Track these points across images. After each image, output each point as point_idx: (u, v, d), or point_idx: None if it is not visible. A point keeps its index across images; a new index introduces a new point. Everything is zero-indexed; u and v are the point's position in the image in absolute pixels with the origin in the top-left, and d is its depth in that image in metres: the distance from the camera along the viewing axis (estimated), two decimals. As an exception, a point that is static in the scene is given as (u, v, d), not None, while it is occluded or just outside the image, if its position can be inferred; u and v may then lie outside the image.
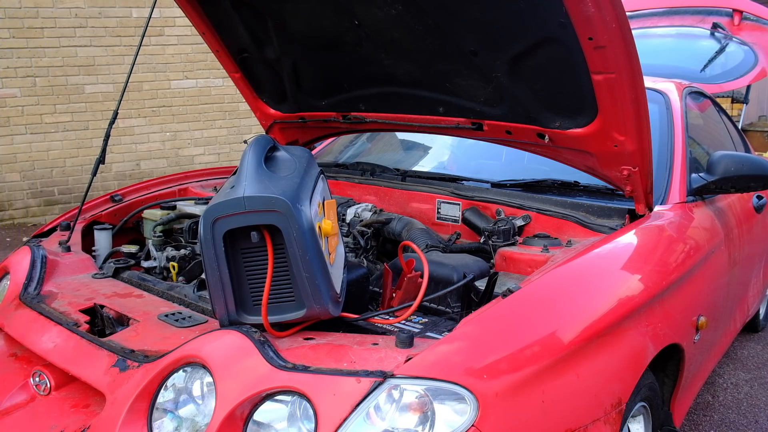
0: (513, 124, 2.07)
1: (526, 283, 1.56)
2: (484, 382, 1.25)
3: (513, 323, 1.43)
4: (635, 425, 1.84)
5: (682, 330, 1.93)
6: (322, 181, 1.55)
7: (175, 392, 1.39)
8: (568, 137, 1.94)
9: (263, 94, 2.67)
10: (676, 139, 2.46)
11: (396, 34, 1.97)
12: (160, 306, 1.76)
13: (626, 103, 1.73)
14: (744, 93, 4.79)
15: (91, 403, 1.52)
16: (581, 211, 2.13)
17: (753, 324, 3.72)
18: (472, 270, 1.77)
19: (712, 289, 2.27)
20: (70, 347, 1.60)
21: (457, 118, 2.19)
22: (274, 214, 1.32)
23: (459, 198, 2.36)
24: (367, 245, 2.25)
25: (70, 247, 2.18)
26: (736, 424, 2.83)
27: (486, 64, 1.91)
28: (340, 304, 1.48)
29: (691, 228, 2.20)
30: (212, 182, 2.86)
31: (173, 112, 6.64)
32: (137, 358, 1.47)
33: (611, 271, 1.75)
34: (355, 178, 2.68)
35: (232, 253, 1.38)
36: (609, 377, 1.53)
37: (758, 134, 8.25)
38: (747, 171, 2.30)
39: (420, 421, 1.21)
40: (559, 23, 1.60)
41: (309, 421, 1.23)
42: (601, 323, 1.53)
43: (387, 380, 1.23)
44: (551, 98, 1.91)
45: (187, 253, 2.06)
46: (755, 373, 3.35)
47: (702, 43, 4.09)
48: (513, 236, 2.12)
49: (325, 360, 1.32)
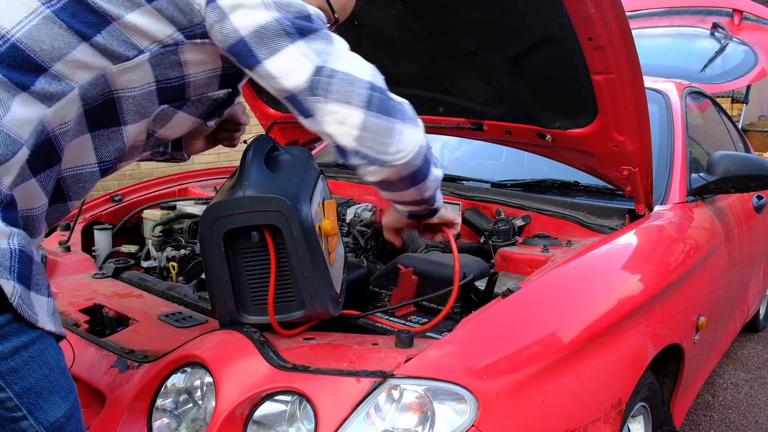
0: (513, 124, 2.07)
1: (526, 283, 1.56)
2: (484, 382, 1.25)
3: (513, 323, 1.43)
4: (635, 425, 1.84)
5: (682, 330, 1.93)
6: (322, 181, 1.55)
7: (175, 392, 1.39)
8: (568, 137, 1.94)
9: (263, 94, 2.67)
10: (676, 139, 2.46)
11: (396, 34, 1.97)
12: (160, 306, 1.76)
13: (626, 103, 1.73)
14: (744, 93, 4.79)
15: (91, 403, 1.52)
16: (581, 211, 2.13)
17: (753, 324, 3.72)
18: (472, 270, 1.77)
19: (712, 289, 2.27)
20: (69, 347, 1.60)
21: (457, 118, 2.19)
22: (275, 213, 1.32)
23: (459, 198, 2.36)
24: (367, 245, 2.24)
25: (70, 247, 2.17)
26: (736, 424, 2.83)
27: (486, 64, 1.91)
28: (340, 304, 1.48)
29: (691, 228, 2.20)
30: (212, 182, 2.86)
31: (173, 112, 6.63)
32: (137, 358, 1.47)
33: (611, 271, 1.75)
34: (355, 178, 2.68)
35: (233, 253, 1.38)
36: (609, 377, 1.53)
37: (758, 134, 8.25)
38: (747, 171, 2.30)
39: (420, 421, 1.21)
40: (559, 23, 1.60)
41: (309, 421, 1.23)
42: (601, 323, 1.53)
43: (387, 380, 1.23)
44: (551, 98, 1.91)
45: (187, 253, 2.06)
46: (755, 373, 3.35)
47: (702, 43, 4.09)
48: (513, 236, 2.12)
49: (325, 360, 1.32)
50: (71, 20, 1.03)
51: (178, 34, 1.10)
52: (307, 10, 1.13)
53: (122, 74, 1.09)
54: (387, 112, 1.13)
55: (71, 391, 1.06)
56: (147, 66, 1.10)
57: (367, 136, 1.11)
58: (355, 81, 1.10)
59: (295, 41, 1.08)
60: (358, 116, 1.10)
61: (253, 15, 1.07)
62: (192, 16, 1.09)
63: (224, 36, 1.08)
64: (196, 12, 1.09)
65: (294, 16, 1.09)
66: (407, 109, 1.19)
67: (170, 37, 1.09)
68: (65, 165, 1.11)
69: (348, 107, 1.09)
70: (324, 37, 1.12)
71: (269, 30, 1.07)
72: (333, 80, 1.09)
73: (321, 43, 1.10)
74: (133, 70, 1.09)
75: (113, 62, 1.07)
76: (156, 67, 1.11)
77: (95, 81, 1.07)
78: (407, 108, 1.19)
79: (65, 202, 1.15)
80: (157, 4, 1.07)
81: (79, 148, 1.12)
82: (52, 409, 1.01)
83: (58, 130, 1.05)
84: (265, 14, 1.07)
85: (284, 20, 1.08)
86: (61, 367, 1.04)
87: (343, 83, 1.09)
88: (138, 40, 1.08)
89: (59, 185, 1.12)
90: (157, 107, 1.16)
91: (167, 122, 1.20)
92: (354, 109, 1.09)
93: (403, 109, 1.17)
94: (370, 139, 1.12)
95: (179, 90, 1.17)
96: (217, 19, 1.08)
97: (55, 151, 1.06)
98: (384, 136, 1.13)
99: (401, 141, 1.15)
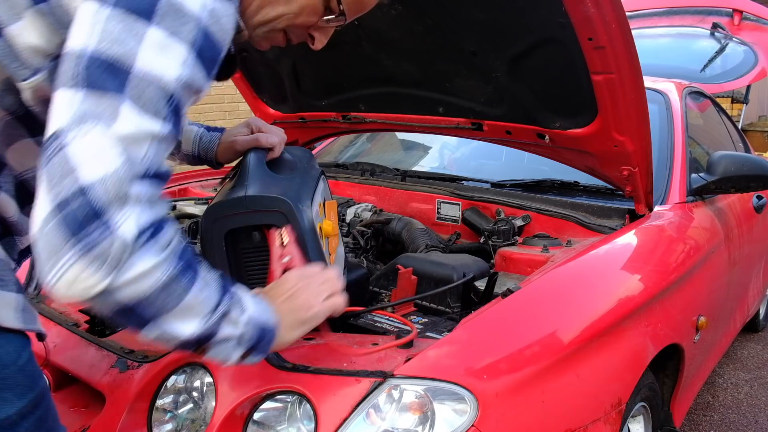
0: (513, 124, 2.07)
1: (526, 283, 1.56)
2: (484, 382, 1.25)
3: (513, 323, 1.43)
4: (635, 425, 1.84)
5: (682, 330, 1.93)
6: (323, 182, 1.55)
7: (175, 392, 1.39)
8: (568, 137, 1.94)
9: (263, 94, 2.67)
10: (676, 139, 2.46)
11: (396, 34, 1.97)
12: (160, 306, 1.76)
13: (626, 103, 1.73)
14: (744, 93, 4.79)
15: (91, 403, 1.52)
16: (581, 211, 2.13)
17: (753, 324, 3.72)
18: (472, 270, 1.77)
19: (712, 289, 2.27)
20: (69, 347, 1.60)
21: (457, 118, 2.19)
22: (276, 214, 1.32)
23: (459, 198, 2.36)
24: (367, 245, 2.25)
25: (70, 247, 2.17)
26: (736, 424, 2.83)
27: (486, 64, 1.91)
28: (340, 304, 1.48)
29: (691, 228, 2.20)
30: (212, 182, 2.86)
31: (173, 112, 6.64)
32: (137, 358, 1.47)
33: (611, 271, 1.76)
34: (355, 178, 2.68)
35: (233, 253, 1.38)
36: (609, 377, 1.53)
37: (758, 134, 8.25)
38: (747, 171, 2.30)
39: (420, 421, 1.21)
40: (559, 23, 1.60)
41: (309, 421, 1.23)
42: (601, 323, 1.53)
43: (387, 380, 1.23)
44: (551, 98, 1.91)
45: (187, 253, 2.06)
46: (755, 373, 3.35)
47: (702, 43, 4.10)
48: (513, 236, 2.12)
49: (325, 360, 1.32)
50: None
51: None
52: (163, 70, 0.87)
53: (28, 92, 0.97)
54: (71, 230, 0.82)
55: (31, 388, 1.02)
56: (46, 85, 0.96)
57: (42, 238, 0.83)
58: (71, 174, 0.82)
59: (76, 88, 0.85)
60: (45, 210, 0.82)
61: (79, 33, 0.87)
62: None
63: None
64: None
65: (116, 60, 0.86)
66: (115, 248, 0.83)
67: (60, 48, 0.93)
68: (18, 169, 1.04)
69: (46, 193, 0.83)
70: (108, 108, 0.85)
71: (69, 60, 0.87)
72: (55, 157, 0.83)
73: (94, 109, 0.84)
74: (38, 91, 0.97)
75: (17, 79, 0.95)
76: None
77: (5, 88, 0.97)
78: (116, 247, 0.83)
79: None
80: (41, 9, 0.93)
81: (24, 151, 1.04)
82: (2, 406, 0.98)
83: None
84: (82, 39, 0.87)
85: (90, 57, 0.85)
86: (19, 364, 1.00)
87: (58, 167, 0.83)
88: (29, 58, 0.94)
89: (24, 188, 1.06)
90: None
91: None
92: (48, 200, 0.82)
93: (99, 243, 0.82)
94: (42, 244, 0.83)
95: None
96: None
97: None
98: (50, 252, 0.83)
99: (63, 274, 0.83)
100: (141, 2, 0.87)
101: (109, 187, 0.83)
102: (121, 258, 0.84)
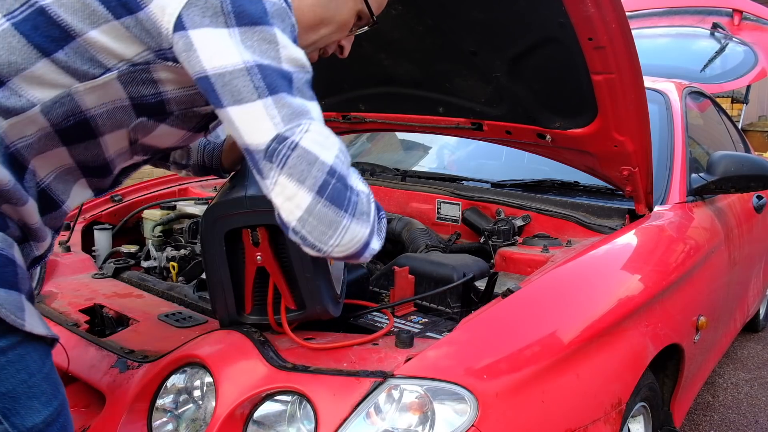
0: (513, 124, 2.07)
1: (526, 283, 1.56)
2: (484, 383, 1.25)
3: (513, 323, 1.43)
4: (635, 425, 1.84)
5: (682, 330, 1.93)
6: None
7: (175, 392, 1.39)
8: (568, 137, 1.94)
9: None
10: (676, 139, 2.46)
11: (396, 34, 1.97)
12: (160, 306, 1.76)
13: (626, 103, 1.73)
14: (744, 93, 4.79)
15: (91, 403, 1.52)
16: (581, 211, 2.13)
17: (753, 324, 3.72)
18: (472, 270, 1.77)
19: (712, 289, 2.27)
20: (69, 347, 1.60)
21: (457, 118, 2.19)
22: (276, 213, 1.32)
23: (459, 198, 2.36)
24: (367, 245, 2.24)
25: (70, 247, 2.18)
26: (736, 424, 2.83)
27: (486, 64, 1.91)
28: (341, 304, 1.48)
29: (691, 228, 2.20)
30: (212, 182, 2.86)
31: (173, 112, 6.62)
32: (137, 358, 1.47)
33: (611, 272, 1.76)
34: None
35: (233, 253, 1.38)
36: (609, 377, 1.53)
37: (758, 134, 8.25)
38: (747, 171, 2.30)
39: (420, 421, 1.21)
40: (559, 23, 1.60)
41: (309, 421, 1.23)
42: (601, 323, 1.53)
43: (387, 380, 1.23)
44: (551, 98, 1.91)
45: (187, 253, 2.06)
46: (755, 373, 3.35)
47: (702, 43, 4.10)
48: (513, 236, 2.12)
49: (325, 360, 1.32)
50: (32, 33, 0.98)
51: (148, 53, 1.02)
52: (297, 59, 1.02)
53: (90, 93, 1.03)
54: (339, 203, 1.01)
55: (55, 396, 1.04)
56: (116, 84, 1.04)
57: (310, 221, 1.00)
58: (316, 162, 0.99)
59: (262, 98, 0.97)
60: (307, 199, 0.99)
61: (222, 54, 0.97)
62: (160, 40, 1.01)
63: (191, 67, 1.00)
64: (164, 37, 1.00)
65: (272, 65, 0.99)
66: (363, 202, 1.05)
67: (140, 56, 1.02)
68: (40, 174, 1.07)
69: (299, 187, 0.99)
70: (297, 104, 1.00)
71: (236, 77, 0.97)
72: (293, 154, 0.98)
73: (292, 109, 0.99)
74: (102, 88, 1.03)
75: (79, 80, 1.01)
76: (127, 84, 1.05)
77: (60, 99, 1.02)
78: (363, 201, 1.06)
79: (59, 208, 1.13)
80: (125, 21, 1.00)
81: (55, 157, 1.08)
82: (30, 414, 1.00)
83: (19, 143, 1.01)
84: (235, 57, 0.97)
85: (255, 70, 0.97)
86: (44, 372, 1.02)
87: (301, 161, 0.98)
88: (104, 58, 1.01)
89: (45, 196, 1.09)
90: (134, 120, 1.10)
91: (149, 133, 1.15)
92: (305, 190, 0.99)
93: (357, 202, 1.04)
94: (312, 225, 1.01)
95: (157, 106, 1.10)
96: (184, 49, 0.99)
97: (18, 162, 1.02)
98: (327, 227, 1.01)
99: (343, 237, 1.02)
100: (254, 13, 0.99)
101: (344, 160, 1.05)
102: (371, 208, 1.07)
